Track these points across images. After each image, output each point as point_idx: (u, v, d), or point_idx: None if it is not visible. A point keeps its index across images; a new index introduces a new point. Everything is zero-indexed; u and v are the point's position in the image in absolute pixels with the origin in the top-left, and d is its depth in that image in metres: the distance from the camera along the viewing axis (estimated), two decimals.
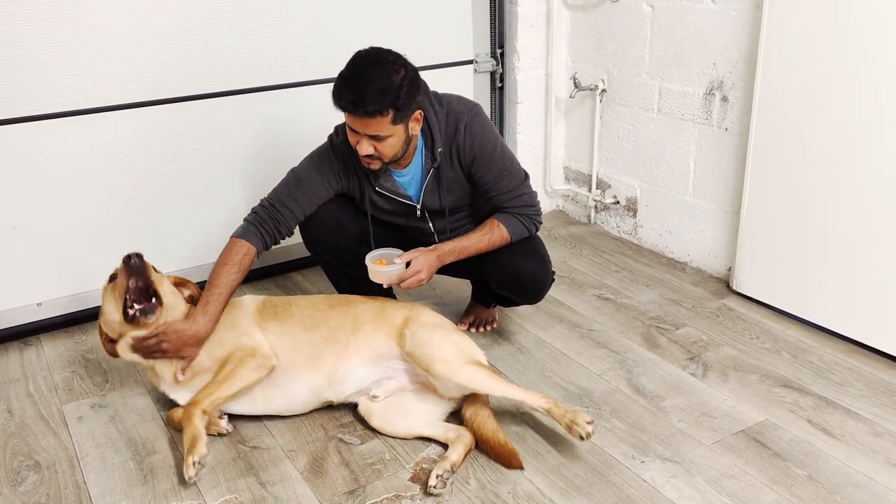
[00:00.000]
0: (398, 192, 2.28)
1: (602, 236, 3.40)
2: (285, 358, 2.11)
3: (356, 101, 1.99)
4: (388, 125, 2.04)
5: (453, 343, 2.08)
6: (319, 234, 2.35)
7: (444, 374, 2.01)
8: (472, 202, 2.37)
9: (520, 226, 2.30)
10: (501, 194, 2.27)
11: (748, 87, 2.67)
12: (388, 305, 2.22)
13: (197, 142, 2.81)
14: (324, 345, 2.12)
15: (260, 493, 1.92)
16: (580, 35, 3.33)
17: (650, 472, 1.94)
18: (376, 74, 2.00)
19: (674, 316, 2.70)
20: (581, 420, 1.92)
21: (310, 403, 2.16)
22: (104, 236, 2.74)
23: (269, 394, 2.13)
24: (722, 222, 2.92)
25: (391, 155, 2.12)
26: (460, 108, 2.23)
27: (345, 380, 2.12)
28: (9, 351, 2.63)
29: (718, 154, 2.87)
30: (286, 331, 2.15)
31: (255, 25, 2.77)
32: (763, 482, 1.90)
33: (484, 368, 2.05)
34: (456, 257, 2.27)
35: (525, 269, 2.31)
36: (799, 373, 2.35)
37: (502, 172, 2.25)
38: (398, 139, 2.10)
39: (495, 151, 2.23)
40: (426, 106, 2.18)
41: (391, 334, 2.13)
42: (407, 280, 2.17)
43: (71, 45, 2.49)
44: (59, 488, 1.96)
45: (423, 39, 3.15)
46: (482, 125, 2.23)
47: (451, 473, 1.90)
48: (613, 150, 3.32)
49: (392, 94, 2.00)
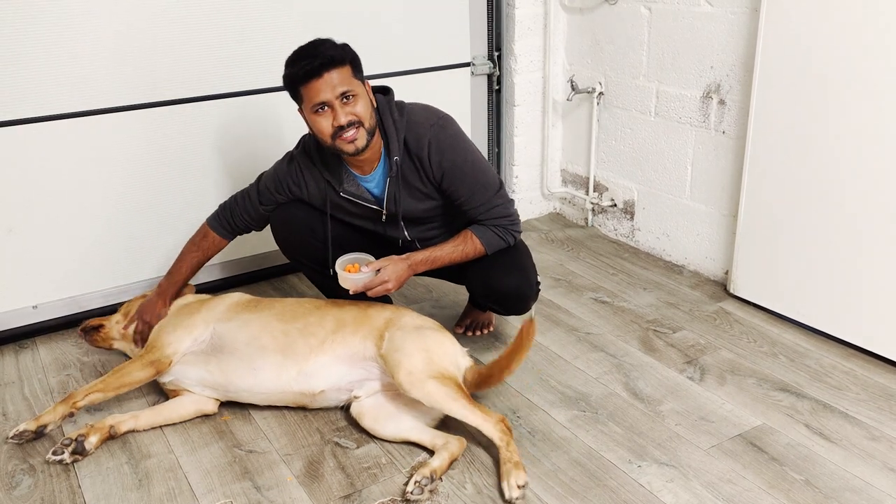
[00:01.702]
0: (362, 196, 2.25)
1: (599, 239, 3.40)
2: (248, 338, 2.15)
3: (314, 59, 2.00)
4: (352, 78, 2.05)
5: (425, 351, 2.04)
6: (291, 241, 2.36)
7: (405, 386, 1.99)
8: (444, 212, 2.33)
9: (495, 237, 2.26)
10: (475, 207, 2.22)
11: (745, 91, 2.67)
12: (372, 308, 2.22)
13: (191, 145, 2.80)
14: (298, 336, 2.14)
15: (255, 497, 1.92)
16: (577, 38, 3.33)
17: (647, 477, 1.94)
18: (324, 40, 2.07)
19: (671, 319, 2.70)
20: (514, 480, 1.85)
21: (279, 392, 2.15)
22: (100, 239, 2.73)
23: (224, 363, 2.15)
24: (719, 225, 2.92)
25: (367, 117, 2.08)
26: (423, 121, 2.18)
27: (316, 374, 2.11)
28: (4, 354, 2.62)
29: (716, 157, 2.86)
30: (257, 318, 2.20)
31: (249, 28, 2.77)
32: (760, 487, 1.90)
33: (448, 385, 1.99)
34: (428, 267, 2.26)
35: (506, 284, 2.29)
36: (796, 377, 2.34)
37: (475, 186, 2.20)
38: (365, 101, 2.08)
39: (465, 165, 2.19)
40: (384, 112, 2.16)
41: (370, 335, 2.13)
42: (374, 288, 2.16)
43: (67, 49, 2.49)
44: (53, 493, 1.95)
45: (420, 42, 3.15)
46: (449, 139, 2.18)
47: (431, 481, 1.88)
48: (611, 153, 3.31)
49: (343, 47, 2.06)
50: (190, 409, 2.20)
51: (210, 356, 2.18)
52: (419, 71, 3.18)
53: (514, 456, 1.91)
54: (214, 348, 2.19)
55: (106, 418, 2.13)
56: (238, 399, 2.21)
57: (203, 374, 2.18)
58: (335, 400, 2.17)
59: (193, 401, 2.20)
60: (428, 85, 3.20)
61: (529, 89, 3.44)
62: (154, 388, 2.36)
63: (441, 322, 2.27)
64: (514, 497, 1.84)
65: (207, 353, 2.19)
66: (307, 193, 2.29)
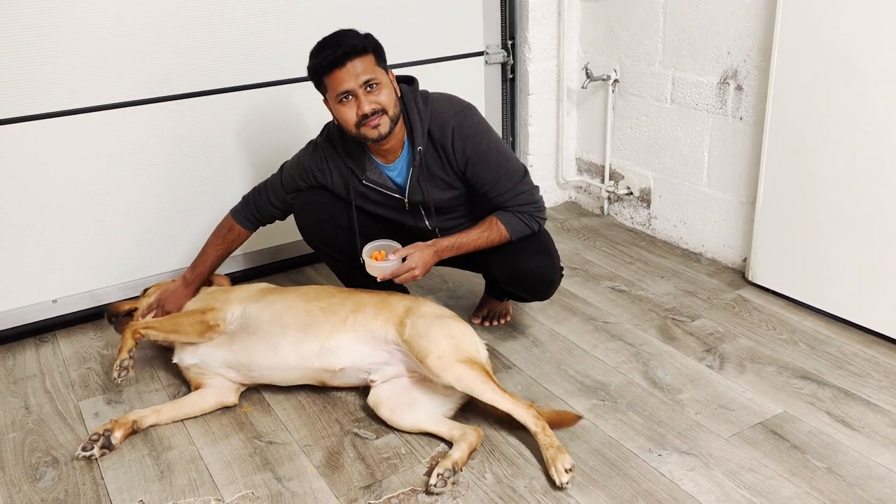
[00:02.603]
0: (386, 185, 2.26)
1: (615, 228, 3.38)
2: (271, 317, 2.18)
3: (337, 48, 2.02)
4: (375, 66, 2.07)
5: (451, 337, 2.06)
6: (312, 228, 2.38)
7: (434, 370, 2.00)
8: (468, 201, 2.33)
9: (520, 223, 2.26)
10: (500, 194, 2.23)
11: (763, 76, 2.64)
12: (392, 295, 2.25)
13: (209, 138, 2.81)
14: (320, 314, 2.16)
15: (277, 488, 1.93)
16: (592, 25, 3.30)
17: (668, 466, 1.93)
18: (348, 30, 2.09)
19: (689, 307, 2.68)
20: (561, 465, 1.85)
21: (300, 369, 2.17)
22: (118, 233, 2.74)
23: (248, 343, 2.17)
24: (737, 212, 2.89)
25: (391, 105, 2.09)
26: (447, 110, 2.19)
27: (337, 350, 2.13)
28: (25, 348, 2.64)
29: (733, 143, 2.84)
30: (282, 299, 2.25)
31: (262, 20, 2.76)
32: (782, 475, 1.89)
33: (477, 370, 2.00)
34: (453, 253, 2.27)
35: (531, 267, 2.29)
36: (817, 364, 2.33)
37: (499, 173, 2.20)
38: (390, 89, 2.10)
39: (489, 152, 2.19)
40: (409, 102, 2.17)
41: (391, 320, 2.14)
42: (400, 276, 2.18)
43: (84, 45, 2.49)
44: (77, 484, 1.97)
45: (433, 31, 3.13)
46: (472, 127, 2.19)
47: (453, 473, 1.88)
48: (626, 141, 3.29)
49: (366, 36, 2.07)
50: (211, 401, 2.21)
51: (235, 337, 2.20)
52: (433, 61, 3.17)
53: (553, 440, 1.90)
54: (241, 328, 2.21)
55: (128, 413, 2.14)
56: (260, 380, 2.23)
57: (227, 356, 2.20)
58: (355, 379, 2.18)
59: (214, 393, 2.22)
60: (442, 74, 3.18)
61: (543, 78, 3.42)
62: (174, 381, 2.38)
63: (457, 312, 2.27)
64: (564, 482, 1.84)
65: (233, 333, 2.21)
66: (330, 181, 2.30)
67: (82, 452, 2.04)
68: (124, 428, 2.10)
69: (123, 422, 2.10)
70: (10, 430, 2.20)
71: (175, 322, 2.23)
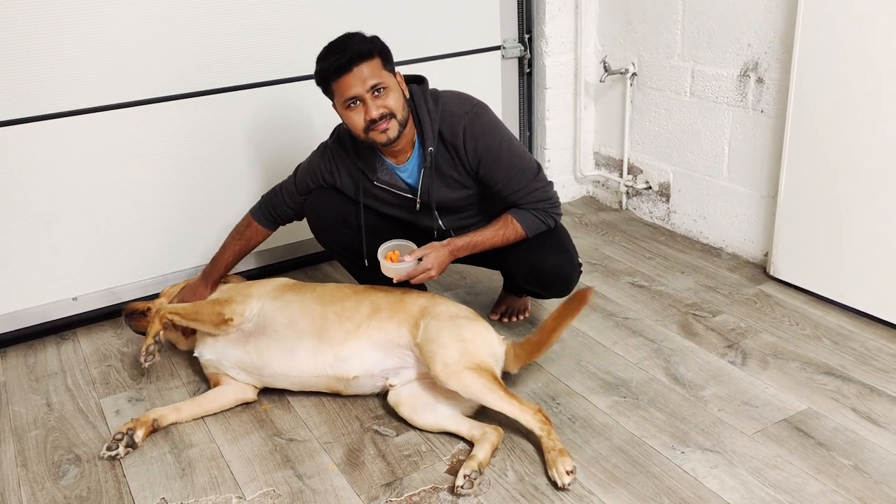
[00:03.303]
0: (397, 186, 2.25)
1: (634, 222, 3.36)
2: (287, 320, 2.18)
3: (343, 53, 2.01)
4: (382, 70, 2.05)
5: (461, 341, 2.04)
6: (325, 228, 2.38)
7: (441, 378, 1.98)
8: (480, 200, 2.32)
9: (535, 220, 2.25)
10: (514, 192, 2.21)
11: (784, 68, 2.61)
12: (408, 294, 2.23)
13: (227, 136, 2.81)
14: (335, 320, 2.15)
15: (297, 485, 1.93)
16: (609, 18, 3.27)
17: (691, 463, 1.91)
18: (354, 34, 2.08)
19: (710, 303, 2.66)
20: (562, 467, 1.84)
21: (313, 376, 2.16)
22: (138, 231, 2.75)
23: (263, 345, 2.17)
24: (758, 206, 2.86)
25: (400, 109, 2.08)
26: (458, 109, 2.17)
27: (351, 359, 2.12)
28: (46, 345, 2.66)
29: (754, 137, 2.81)
30: (299, 300, 2.23)
31: (279, 16, 2.76)
32: (807, 472, 1.86)
33: (484, 377, 1.97)
34: (468, 252, 2.26)
35: (549, 265, 2.27)
36: (841, 360, 2.30)
37: (511, 171, 2.19)
38: (397, 93, 2.08)
39: (501, 151, 2.17)
40: (419, 102, 2.15)
41: (405, 322, 2.13)
42: (416, 276, 2.17)
43: (99, 42, 2.50)
44: (99, 482, 1.98)
45: (449, 26, 3.12)
46: (484, 126, 2.17)
47: (479, 474, 1.87)
48: (645, 135, 3.27)
49: (372, 40, 2.06)
50: (230, 397, 2.21)
51: (250, 336, 2.20)
52: (449, 56, 3.15)
53: (556, 444, 1.89)
54: (257, 328, 2.21)
55: (149, 412, 2.15)
56: (272, 384, 2.22)
57: (241, 356, 2.19)
58: (369, 387, 2.18)
59: (233, 389, 2.22)
60: (458, 70, 3.17)
61: (561, 71, 3.39)
62: (194, 378, 2.38)
63: (475, 309, 2.26)
64: (565, 483, 1.83)
65: (249, 333, 2.21)
66: (340, 182, 2.31)
67: (107, 452, 2.04)
68: (145, 426, 2.10)
69: (144, 420, 2.11)
70: (33, 428, 2.21)
71: (197, 309, 2.24)
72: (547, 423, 1.94)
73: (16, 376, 2.48)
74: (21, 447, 2.13)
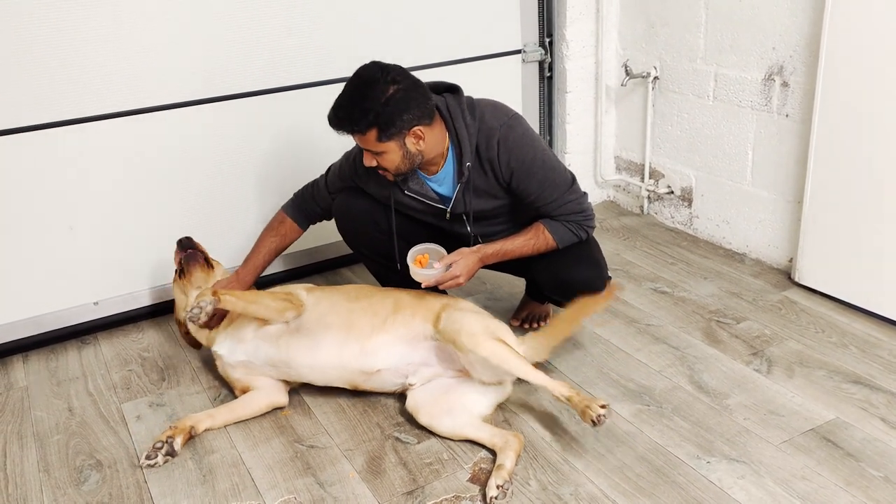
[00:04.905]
0: (427, 196, 2.25)
1: (656, 227, 3.32)
2: (317, 316, 2.19)
3: (339, 122, 2.04)
4: (375, 142, 2.04)
5: (484, 324, 2.09)
6: (354, 231, 2.39)
7: (468, 346, 2.01)
8: (511, 209, 2.30)
9: (567, 232, 2.23)
10: (546, 204, 2.19)
11: (810, 72, 2.57)
12: (429, 294, 2.27)
13: (249, 139, 2.81)
14: (362, 314, 2.18)
15: (319, 493, 1.92)
16: (631, 21, 3.24)
17: (717, 473, 1.88)
18: (362, 94, 2.00)
19: (734, 309, 2.62)
20: (596, 405, 1.86)
21: (338, 369, 2.16)
22: (159, 235, 2.75)
23: (293, 340, 2.17)
24: (783, 211, 2.82)
25: (393, 168, 2.10)
26: (493, 122, 2.15)
27: (377, 352, 2.13)
28: (67, 350, 2.66)
29: (778, 141, 2.77)
30: (327, 297, 2.27)
31: (302, 22, 2.75)
32: (836, 484, 1.83)
33: (510, 348, 2.03)
34: (498, 260, 2.26)
35: (578, 279, 2.24)
36: (869, 368, 2.26)
37: (544, 184, 2.17)
38: (395, 155, 2.07)
39: (534, 164, 2.16)
40: (456, 116, 2.14)
41: (429, 317, 2.16)
42: (445, 283, 2.18)
43: (123, 46, 2.51)
44: (120, 487, 1.98)
45: (470, 30, 3.10)
46: (518, 139, 2.15)
47: (511, 483, 1.86)
48: (667, 139, 3.23)
49: (374, 113, 1.98)
50: (263, 402, 2.21)
51: (283, 333, 2.20)
52: (470, 60, 3.14)
53: (584, 399, 1.90)
54: (290, 326, 2.20)
55: (185, 419, 2.14)
56: (297, 378, 2.23)
57: (272, 351, 2.19)
58: (389, 384, 2.17)
59: (266, 394, 2.22)
60: (479, 74, 3.15)
61: (581, 75, 3.37)
62: (214, 383, 2.38)
63: (495, 314, 2.25)
64: (601, 413, 1.85)
65: (283, 329, 2.20)
66: (369, 187, 2.31)
67: (147, 462, 2.03)
68: (184, 433, 2.10)
69: (182, 427, 2.11)
70: (55, 433, 2.22)
71: (258, 296, 2.21)
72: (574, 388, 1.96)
73: (37, 381, 2.49)
74: (43, 452, 2.14)
